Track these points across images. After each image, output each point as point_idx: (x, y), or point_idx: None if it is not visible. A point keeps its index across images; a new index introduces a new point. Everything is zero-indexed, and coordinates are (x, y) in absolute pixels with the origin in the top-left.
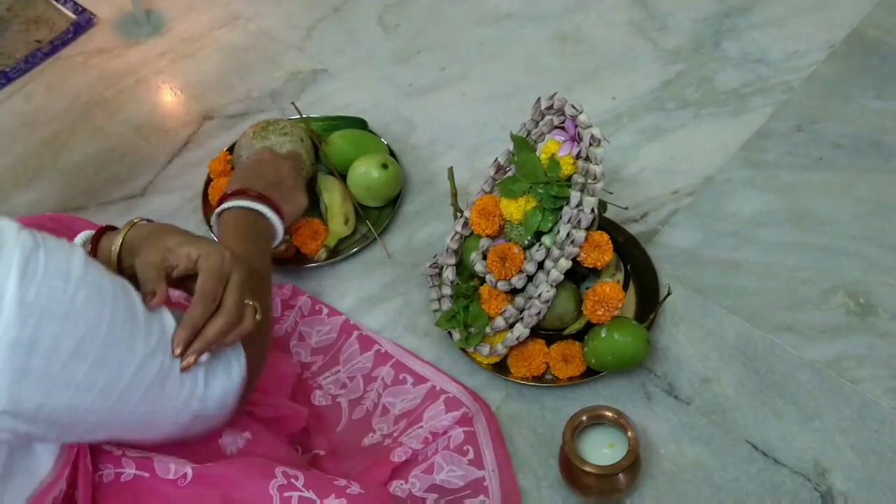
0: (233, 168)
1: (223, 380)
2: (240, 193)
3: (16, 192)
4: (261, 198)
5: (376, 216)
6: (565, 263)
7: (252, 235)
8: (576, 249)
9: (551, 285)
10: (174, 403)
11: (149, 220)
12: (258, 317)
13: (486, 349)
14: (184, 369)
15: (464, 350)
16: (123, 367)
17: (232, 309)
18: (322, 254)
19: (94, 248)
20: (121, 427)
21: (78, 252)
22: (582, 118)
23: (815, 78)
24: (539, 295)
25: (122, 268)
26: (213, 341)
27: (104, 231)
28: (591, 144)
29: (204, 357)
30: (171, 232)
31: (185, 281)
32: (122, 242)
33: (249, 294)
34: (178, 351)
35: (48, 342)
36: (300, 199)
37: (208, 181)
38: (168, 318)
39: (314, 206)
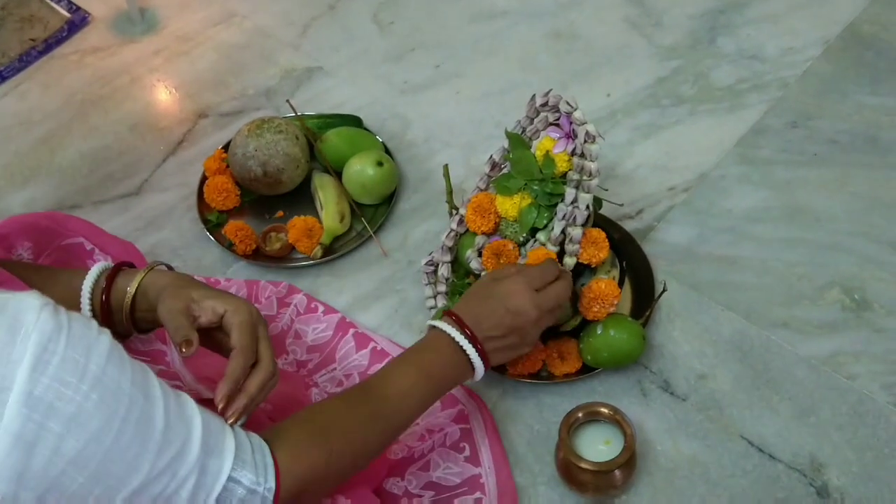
0: (227, 166)
1: (243, 494)
2: (474, 338)
3: (11, 191)
4: (485, 357)
5: (372, 214)
6: (570, 262)
7: (445, 389)
8: (577, 247)
9: None
10: None
11: (168, 266)
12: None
13: None
14: (234, 423)
15: None
16: (122, 484)
17: (269, 364)
18: (317, 251)
19: (108, 286)
20: None
21: (102, 343)
22: (577, 115)
23: (811, 74)
24: None
25: (135, 310)
26: (256, 396)
27: (121, 267)
28: (585, 141)
29: (240, 422)
30: (193, 284)
31: (205, 334)
32: (138, 286)
33: None
34: (221, 406)
35: (50, 444)
36: (523, 348)
37: (203, 179)
38: (192, 443)
39: (309, 204)
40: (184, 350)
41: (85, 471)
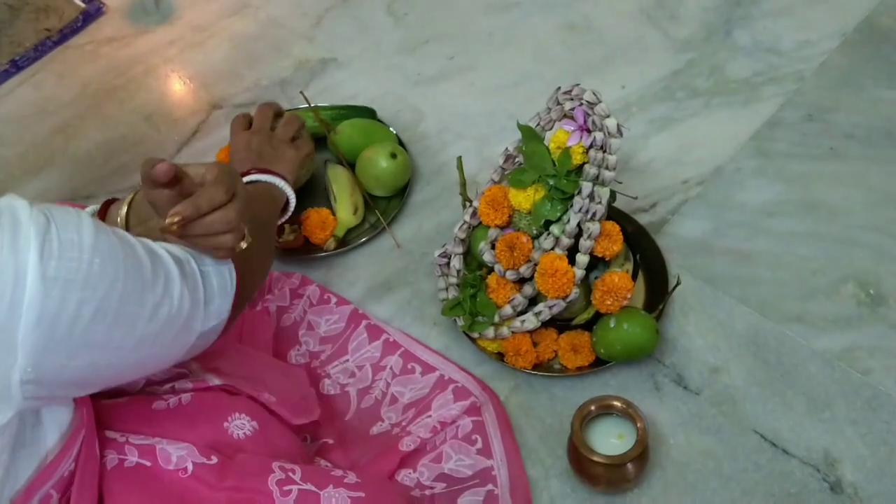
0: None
1: (220, 301)
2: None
3: (25, 180)
4: (256, 171)
5: (385, 206)
6: (584, 259)
7: (262, 195)
8: (592, 243)
9: (575, 285)
10: (182, 338)
11: None
12: (243, 244)
13: (490, 332)
14: (164, 230)
15: (472, 339)
16: (136, 320)
17: (232, 213)
18: (331, 243)
19: (102, 219)
20: (135, 371)
21: (86, 220)
22: (600, 108)
23: (827, 67)
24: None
25: (129, 229)
26: (208, 232)
27: (110, 203)
28: (609, 135)
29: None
30: None
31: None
32: (129, 206)
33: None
34: (173, 220)
35: (71, 311)
36: (287, 154)
37: None
38: (170, 266)
39: (323, 196)
40: (154, 169)
41: (105, 320)
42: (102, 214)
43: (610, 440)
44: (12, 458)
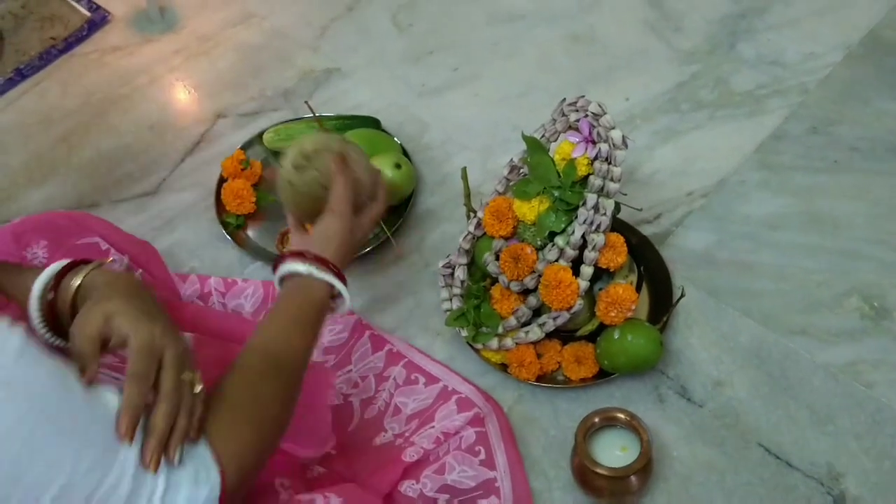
0: (244, 169)
1: (188, 490)
2: (338, 273)
3: (30, 188)
4: (332, 268)
5: (389, 216)
6: (588, 271)
7: (317, 324)
8: (596, 254)
9: (580, 296)
10: None
11: (129, 262)
12: (196, 390)
13: (494, 343)
14: (154, 468)
15: (476, 350)
16: (43, 485)
17: (171, 393)
18: None
19: (56, 285)
20: None
21: (13, 343)
22: (605, 119)
23: (831, 80)
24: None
25: (76, 309)
26: (165, 430)
27: (73, 265)
28: (615, 146)
29: (176, 458)
30: (118, 293)
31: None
32: (79, 285)
33: (189, 368)
34: (126, 437)
35: None
36: (352, 256)
37: (221, 180)
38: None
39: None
40: (80, 377)
41: None
42: (62, 275)
43: (614, 452)
44: None
